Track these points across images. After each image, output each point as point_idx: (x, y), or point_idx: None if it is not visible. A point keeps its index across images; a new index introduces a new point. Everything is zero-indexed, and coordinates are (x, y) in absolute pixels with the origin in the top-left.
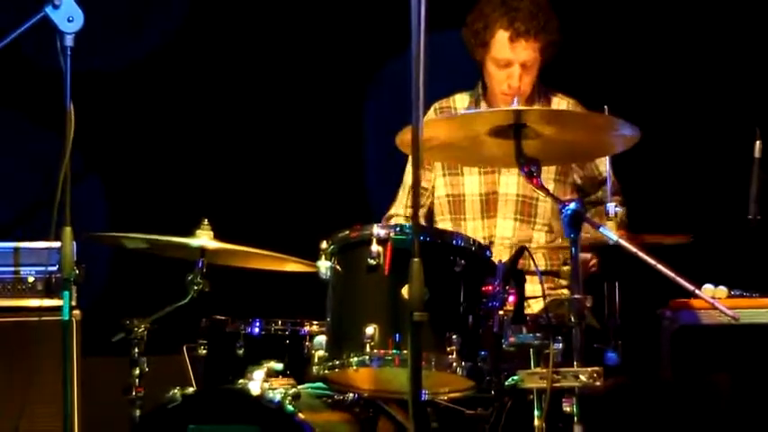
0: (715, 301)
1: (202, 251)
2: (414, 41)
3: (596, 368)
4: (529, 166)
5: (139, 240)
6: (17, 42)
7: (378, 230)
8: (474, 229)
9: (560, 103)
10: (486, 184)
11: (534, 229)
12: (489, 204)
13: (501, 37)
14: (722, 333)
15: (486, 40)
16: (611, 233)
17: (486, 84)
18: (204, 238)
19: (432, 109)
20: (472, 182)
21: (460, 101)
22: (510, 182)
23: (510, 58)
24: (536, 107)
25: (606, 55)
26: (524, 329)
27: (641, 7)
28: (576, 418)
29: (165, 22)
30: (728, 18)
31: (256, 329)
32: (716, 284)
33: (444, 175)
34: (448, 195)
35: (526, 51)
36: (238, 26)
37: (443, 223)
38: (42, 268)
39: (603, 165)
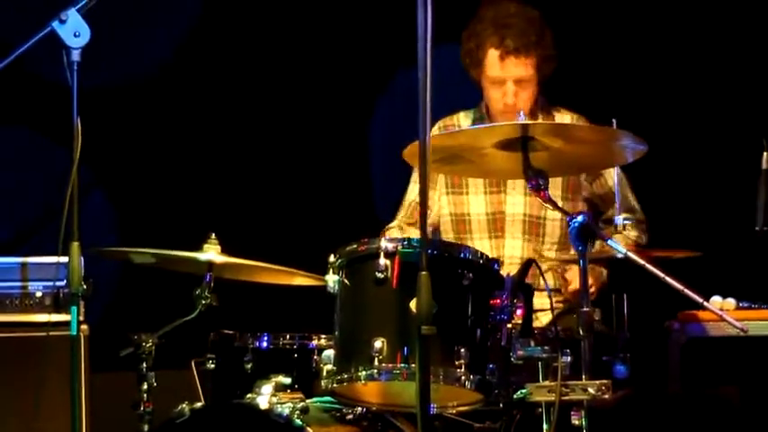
0: (723, 313)
1: (210, 265)
2: (420, 55)
3: (605, 381)
4: (536, 179)
5: (147, 255)
6: (23, 57)
7: (385, 244)
8: (482, 248)
9: (563, 118)
10: (492, 204)
11: (543, 249)
12: (496, 224)
13: (492, 55)
14: (731, 345)
15: (479, 59)
16: (619, 246)
17: (486, 101)
18: (212, 253)
19: (436, 126)
20: (477, 201)
21: (465, 119)
22: (516, 201)
23: (502, 75)
24: (541, 121)
25: (614, 68)
26: (532, 342)
27: (649, 21)
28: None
29: (173, 36)
30: (735, 31)
31: (264, 343)
32: (724, 296)
33: (448, 193)
34: (451, 215)
35: (518, 68)
36: (246, 41)
37: None
38: (50, 283)
39: (611, 179)
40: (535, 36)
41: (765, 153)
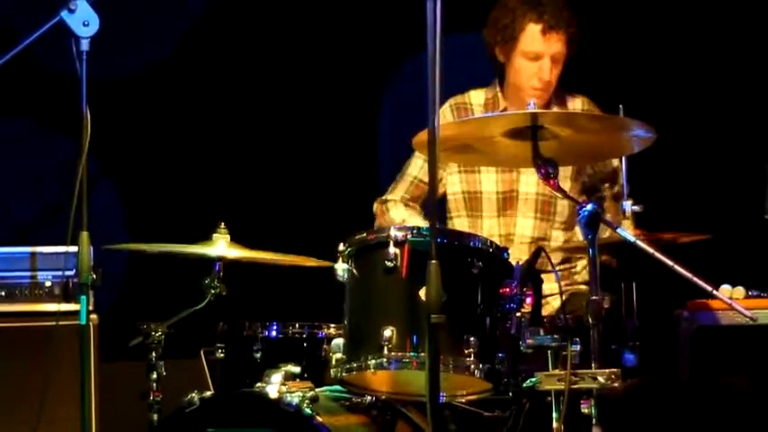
0: (732, 301)
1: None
2: (429, 43)
3: (614, 369)
4: (546, 168)
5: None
6: (32, 47)
7: (395, 232)
8: (490, 226)
9: (575, 102)
10: (504, 183)
11: (553, 228)
12: (507, 202)
13: (532, 30)
14: (740, 333)
15: (515, 36)
16: (628, 233)
17: (505, 81)
18: (221, 243)
19: (447, 105)
20: (489, 180)
21: (476, 97)
22: (530, 180)
23: (541, 50)
24: (552, 110)
25: (622, 54)
26: (542, 331)
27: (657, 7)
28: (594, 420)
29: (180, 27)
30: (744, 17)
31: (274, 332)
32: (733, 285)
33: (460, 172)
34: (464, 192)
35: (557, 44)
36: (253, 30)
37: (459, 220)
38: (59, 273)
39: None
40: (567, 14)
41: None
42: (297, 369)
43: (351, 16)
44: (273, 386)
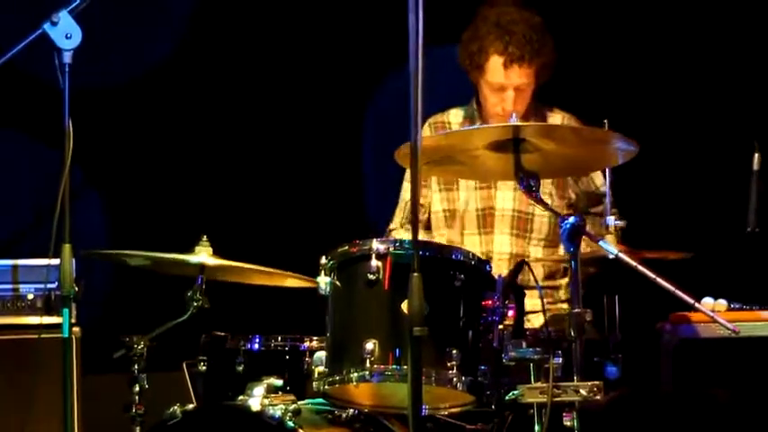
0: (715, 314)
1: (202, 268)
2: (411, 57)
3: (596, 382)
4: (528, 180)
5: (139, 258)
6: (15, 58)
7: (377, 245)
8: (471, 244)
9: (555, 118)
10: (482, 200)
11: (530, 245)
12: (486, 219)
13: (495, 62)
14: (722, 346)
15: (480, 63)
16: (610, 247)
17: (480, 101)
18: (203, 255)
19: (426, 124)
20: (468, 197)
21: (455, 116)
22: (506, 197)
23: (503, 83)
24: (534, 122)
25: (605, 69)
26: (524, 344)
27: (640, 22)
28: None
29: (165, 39)
30: (726, 31)
31: (256, 345)
32: (715, 297)
33: (441, 190)
34: (444, 210)
35: (520, 78)
36: (237, 44)
37: (441, 238)
38: (42, 285)
39: (599, 178)
40: (538, 44)
41: (756, 154)
42: (279, 382)
43: (336, 28)
44: (256, 399)
